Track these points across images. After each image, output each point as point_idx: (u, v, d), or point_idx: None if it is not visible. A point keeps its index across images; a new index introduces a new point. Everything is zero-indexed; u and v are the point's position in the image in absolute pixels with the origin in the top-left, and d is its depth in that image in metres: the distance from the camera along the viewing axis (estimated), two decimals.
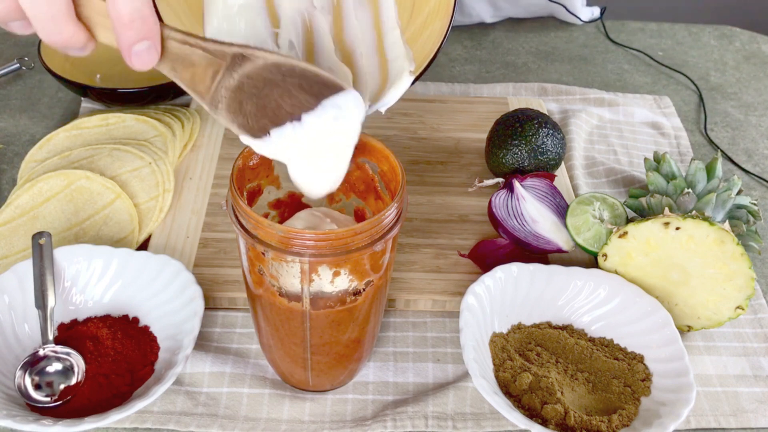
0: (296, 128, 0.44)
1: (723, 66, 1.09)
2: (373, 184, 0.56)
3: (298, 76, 0.44)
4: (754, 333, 0.67)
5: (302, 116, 0.44)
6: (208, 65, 0.43)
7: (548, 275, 0.64)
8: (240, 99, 0.43)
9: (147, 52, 0.40)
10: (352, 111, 0.44)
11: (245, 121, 0.44)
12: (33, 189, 0.70)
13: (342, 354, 0.56)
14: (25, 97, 0.91)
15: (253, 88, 0.43)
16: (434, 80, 0.99)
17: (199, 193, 0.76)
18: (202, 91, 0.43)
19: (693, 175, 0.67)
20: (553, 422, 0.54)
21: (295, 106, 0.44)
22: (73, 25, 0.39)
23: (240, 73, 0.43)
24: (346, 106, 0.44)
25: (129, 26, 0.39)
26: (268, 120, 0.44)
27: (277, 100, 0.44)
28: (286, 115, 0.44)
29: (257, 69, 0.43)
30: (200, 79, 0.43)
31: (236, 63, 0.43)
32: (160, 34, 0.41)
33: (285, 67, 0.44)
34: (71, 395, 0.56)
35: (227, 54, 0.43)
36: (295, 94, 0.44)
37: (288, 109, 0.44)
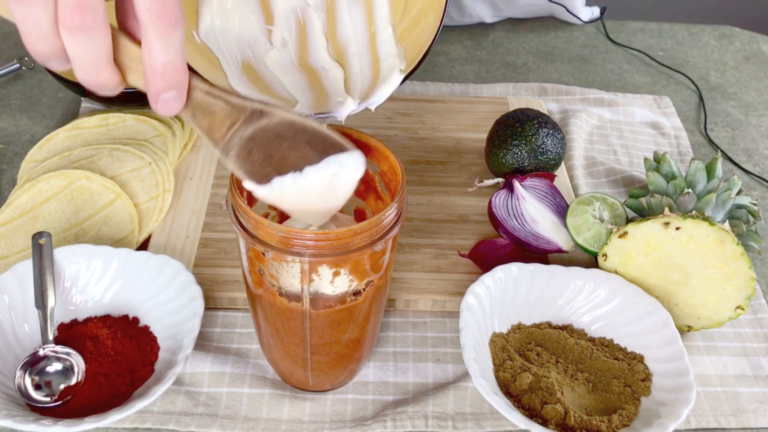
0: (296, 178, 0.46)
1: (723, 66, 1.09)
2: (373, 184, 0.56)
3: (309, 134, 0.46)
4: (754, 333, 0.67)
5: (305, 168, 0.46)
6: (226, 116, 0.45)
7: (548, 275, 0.64)
8: (250, 148, 0.46)
9: (173, 101, 0.42)
10: (352, 169, 0.47)
11: (251, 167, 0.46)
12: (33, 189, 0.70)
13: (342, 354, 0.56)
14: (25, 97, 0.91)
15: (264, 139, 0.45)
16: (434, 80, 0.99)
17: (199, 193, 0.76)
18: (217, 139, 0.45)
19: (693, 175, 0.67)
20: (553, 422, 0.54)
21: (300, 159, 0.46)
22: (111, 69, 0.41)
23: (255, 126, 0.45)
24: (347, 165, 0.46)
25: (161, 76, 0.40)
26: (273, 169, 0.46)
27: (284, 152, 0.46)
28: (290, 166, 0.46)
29: (272, 124, 0.46)
30: (217, 128, 0.45)
31: (254, 116, 0.45)
32: (188, 85, 0.43)
33: (299, 126, 0.46)
34: (71, 395, 0.56)
35: (247, 108, 0.45)
36: (301, 149, 0.46)
37: (293, 161, 0.46)
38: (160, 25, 0.39)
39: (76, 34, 0.38)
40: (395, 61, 0.51)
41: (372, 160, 0.54)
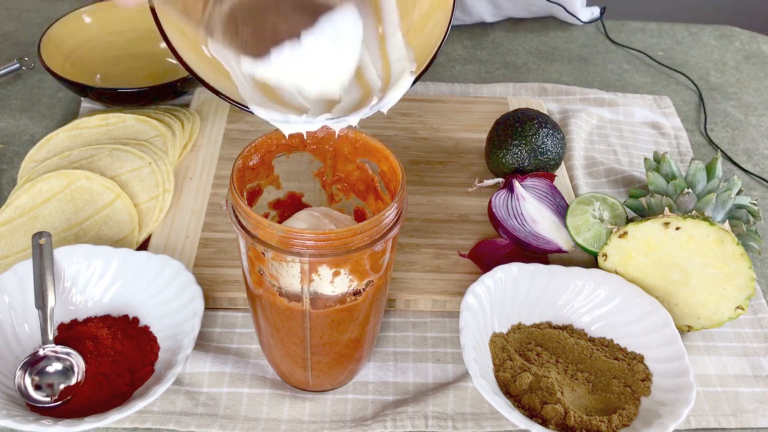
0: (295, 48, 0.43)
1: (723, 66, 1.09)
2: (373, 184, 0.56)
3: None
4: (754, 333, 0.67)
5: (301, 35, 0.42)
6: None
7: (548, 275, 0.64)
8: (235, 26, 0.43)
9: None
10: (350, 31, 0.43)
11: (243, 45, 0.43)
12: (33, 189, 0.70)
13: (342, 354, 0.56)
14: (25, 97, 0.91)
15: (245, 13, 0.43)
16: (434, 80, 0.99)
17: (199, 193, 0.76)
18: (196, 20, 0.42)
19: (693, 175, 0.67)
20: (553, 422, 0.54)
21: (293, 25, 0.43)
22: None
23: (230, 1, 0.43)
24: (343, 26, 0.43)
25: None
26: (267, 41, 0.43)
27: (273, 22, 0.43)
28: (284, 34, 0.42)
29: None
30: (192, 7, 0.42)
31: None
32: None
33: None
34: (71, 395, 0.56)
35: None
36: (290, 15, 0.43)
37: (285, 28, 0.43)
38: None
39: None
40: (405, 63, 0.51)
41: (372, 160, 0.55)
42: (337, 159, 0.57)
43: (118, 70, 0.91)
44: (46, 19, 1.00)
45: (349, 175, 0.57)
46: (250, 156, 0.53)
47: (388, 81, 0.52)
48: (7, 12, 1.09)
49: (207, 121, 0.84)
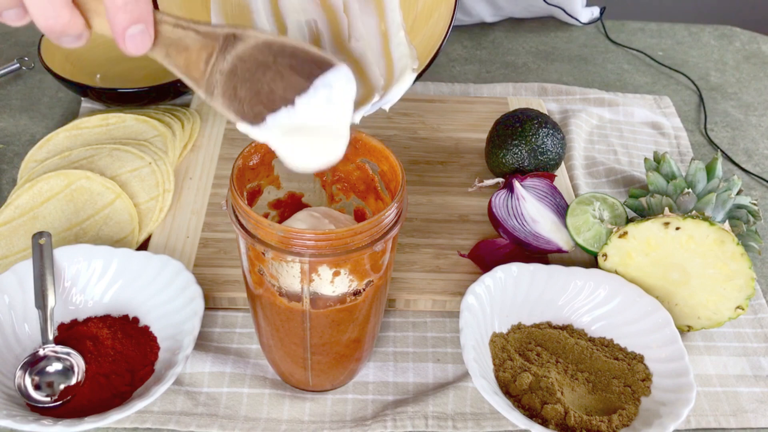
0: (290, 113, 0.43)
1: (723, 66, 1.09)
2: (373, 184, 0.56)
3: (288, 55, 0.44)
4: (754, 333, 0.67)
5: (295, 100, 0.43)
6: (201, 48, 0.43)
7: (548, 275, 0.64)
8: (234, 84, 0.43)
9: (141, 36, 0.40)
10: (344, 90, 0.44)
11: (240, 107, 0.44)
12: (33, 189, 0.70)
13: (342, 354, 0.56)
14: (25, 97, 0.91)
15: (246, 72, 0.43)
16: (434, 80, 0.99)
17: (199, 193, 0.76)
18: (197, 77, 0.43)
19: (693, 175, 0.67)
20: (553, 422, 0.54)
21: (288, 89, 0.44)
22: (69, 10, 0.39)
23: (233, 56, 0.43)
24: (337, 85, 0.44)
25: (122, 9, 0.39)
26: (263, 106, 0.44)
27: (269, 84, 0.44)
28: (279, 99, 0.43)
29: (249, 49, 0.43)
30: (194, 64, 0.43)
31: (228, 44, 0.43)
32: (153, 18, 0.41)
33: (276, 46, 0.44)
34: (71, 395, 0.56)
35: (219, 35, 0.43)
36: (286, 77, 0.44)
37: (281, 93, 0.44)
38: None
39: None
40: (408, 61, 0.51)
41: (372, 160, 0.54)
42: None
43: (118, 70, 0.91)
44: None
45: (349, 175, 0.57)
46: (250, 156, 0.53)
47: (391, 79, 0.52)
48: None
49: (207, 121, 0.84)
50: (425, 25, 0.55)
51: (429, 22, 0.55)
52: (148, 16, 0.40)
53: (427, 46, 0.54)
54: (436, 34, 0.54)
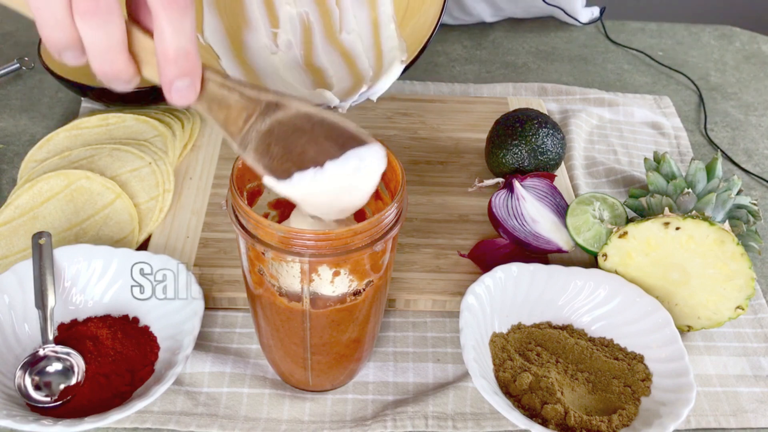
0: (317, 174, 0.45)
1: (723, 66, 1.09)
2: None
3: (327, 127, 0.46)
4: (754, 333, 0.67)
5: (325, 163, 0.45)
6: (242, 109, 0.44)
7: (548, 275, 0.64)
8: (268, 142, 0.45)
9: (186, 89, 0.42)
10: (375, 163, 0.46)
11: (270, 162, 0.46)
12: (33, 189, 0.70)
13: (342, 354, 0.56)
14: (25, 97, 0.91)
15: (282, 133, 0.45)
16: (434, 80, 0.99)
17: (199, 193, 0.76)
18: (234, 132, 0.45)
19: (693, 175, 0.67)
20: (553, 422, 0.54)
21: (320, 154, 0.45)
22: (126, 57, 0.41)
23: (272, 119, 0.45)
24: (369, 159, 0.46)
25: (173, 63, 0.41)
26: (293, 164, 0.46)
27: (304, 146, 0.45)
28: (310, 161, 0.45)
29: (289, 117, 0.45)
30: (233, 121, 0.45)
31: (270, 109, 0.45)
32: (200, 74, 0.43)
33: (316, 118, 0.46)
34: (71, 395, 0.56)
35: (262, 101, 0.45)
36: (321, 143, 0.46)
37: (313, 155, 0.45)
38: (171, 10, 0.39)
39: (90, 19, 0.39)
40: (397, 53, 0.51)
41: None
42: None
43: None
44: None
45: None
46: None
47: (380, 70, 0.52)
48: (7, 12, 1.08)
49: (207, 122, 0.84)
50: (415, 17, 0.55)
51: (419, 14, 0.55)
52: (197, 71, 0.42)
53: (417, 38, 0.54)
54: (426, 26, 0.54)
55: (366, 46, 0.54)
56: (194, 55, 0.41)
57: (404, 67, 0.51)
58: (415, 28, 0.55)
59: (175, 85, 0.41)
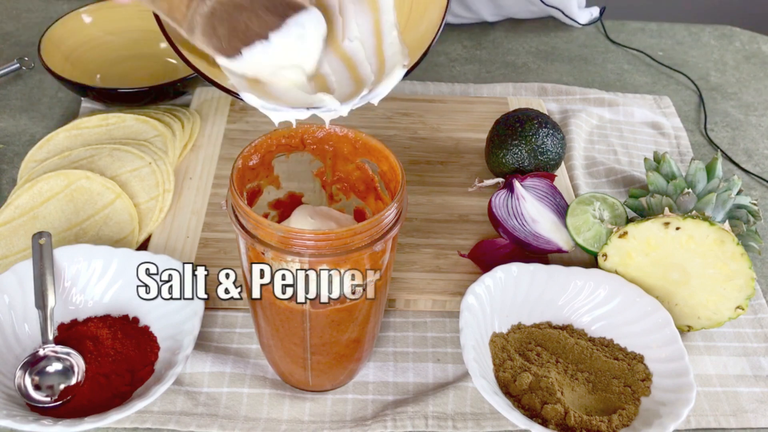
0: (265, 47, 0.48)
1: (723, 66, 1.09)
2: (373, 184, 0.56)
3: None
4: (754, 333, 0.67)
5: (269, 35, 0.48)
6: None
7: (548, 275, 0.64)
8: (213, 24, 0.47)
9: None
10: (315, 29, 0.49)
11: (219, 43, 0.48)
12: (33, 189, 0.70)
13: (342, 354, 0.56)
14: (25, 97, 0.91)
15: (224, 12, 0.47)
16: (434, 80, 0.99)
17: (199, 193, 0.76)
18: (179, 19, 0.47)
19: (693, 175, 0.67)
20: (553, 422, 0.54)
21: (263, 27, 0.48)
22: None
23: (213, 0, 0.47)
24: (309, 25, 0.48)
25: None
26: (239, 41, 0.48)
27: (246, 22, 0.48)
28: (254, 35, 0.48)
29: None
30: (176, 7, 0.47)
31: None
32: None
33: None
34: (71, 395, 0.56)
35: None
36: (261, 16, 0.48)
37: (256, 29, 0.48)
38: None
39: None
40: (399, 58, 0.52)
41: (372, 160, 0.55)
42: (337, 159, 0.57)
43: (118, 70, 0.91)
44: (46, 19, 1.00)
45: (349, 175, 0.57)
46: (250, 156, 0.53)
47: (381, 75, 0.52)
48: (7, 12, 1.09)
49: (207, 121, 0.84)
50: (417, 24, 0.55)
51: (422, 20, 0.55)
52: None
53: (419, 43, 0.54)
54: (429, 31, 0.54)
55: (368, 53, 0.55)
56: None
57: (406, 71, 0.52)
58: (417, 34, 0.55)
59: None
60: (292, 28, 0.48)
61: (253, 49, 0.48)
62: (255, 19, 0.48)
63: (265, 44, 0.48)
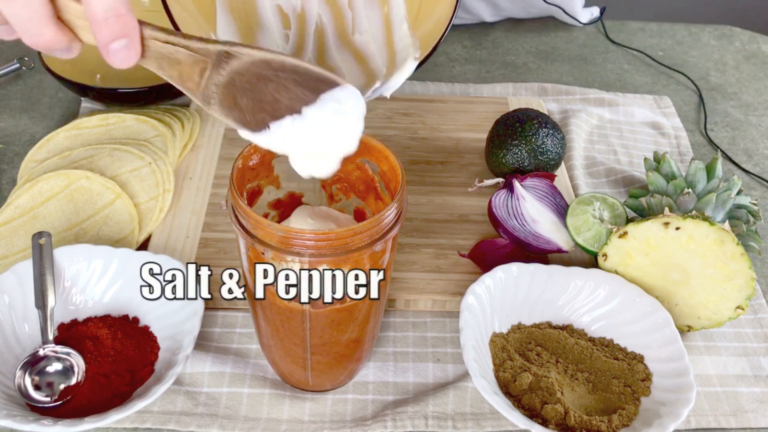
0: (296, 121, 0.44)
1: (723, 66, 1.09)
2: (373, 184, 0.56)
3: (290, 71, 0.44)
4: (754, 333, 0.67)
5: (302, 110, 0.44)
6: (194, 63, 0.43)
7: (548, 275, 0.64)
8: (233, 94, 0.44)
9: (125, 50, 0.40)
10: (353, 105, 0.44)
11: (242, 115, 0.44)
12: (33, 189, 0.70)
13: (342, 354, 0.56)
14: (25, 97, 0.91)
15: (245, 83, 0.43)
16: (434, 80, 0.99)
17: (199, 193, 0.76)
18: (192, 88, 0.44)
19: (693, 175, 0.67)
20: (553, 422, 0.54)
21: (294, 100, 0.44)
22: (53, 27, 0.40)
23: (228, 70, 0.43)
24: (345, 101, 0.44)
25: (104, 25, 0.39)
26: (267, 114, 0.44)
27: (273, 94, 0.44)
28: (285, 108, 0.44)
29: (245, 65, 0.43)
30: (188, 76, 0.43)
31: (222, 60, 0.43)
32: (138, 33, 0.41)
33: (275, 63, 0.44)
34: (71, 395, 0.56)
35: (212, 52, 0.43)
36: (291, 89, 0.44)
37: (287, 102, 0.44)
38: None
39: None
40: (411, 50, 0.52)
41: (372, 160, 0.54)
42: None
43: (118, 70, 0.91)
44: None
45: (349, 175, 0.57)
46: (250, 156, 0.53)
47: (393, 68, 0.52)
48: None
49: (207, 121, 0.84)
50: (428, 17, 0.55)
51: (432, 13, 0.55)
52: (133, 31, 0.41)
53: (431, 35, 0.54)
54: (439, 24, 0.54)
55: (379, 46, 0.54)
56: (126, 14, 0.40)
57: (417, 63, 0.52)
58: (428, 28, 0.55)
59: (112, 47, 0.40)
60: (329, 103, 0.43)
61: (283, 124, 0.43)
62: (284, 91, 0.44)
63: (296, 118, 0.43)
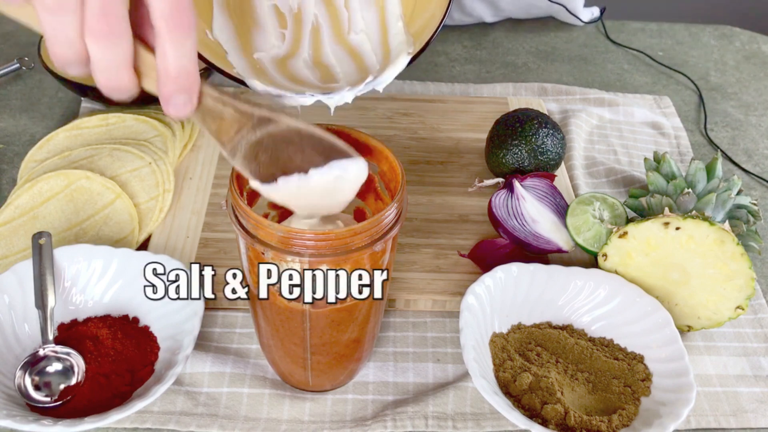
0: (301, 179, 0.48)
1: (723, 66, 1.09)
2: (373, 184, 0.56)
3: (315, 140, 0.49)
4: (754, 333, 0.67)
5: (309, 170, 0.48)
6: (234, 121, 0.47)
7: (548, 275, 0.64)
8: (257, 151, 0.48)
9: (183, 104, 0.44)
10: (355, 174, 0.49)
11: (257, 168, 0.48)
12: (33, 189, 0.70)
13: (342, 354, 0.56)
14: (25, 97, 0.91)
15: (271, 143, 0.48)
16: (434, 80, 0.99)
17: (199, 193, 0.76)
18: (225, 142, 0.47)
19: (693, 175, 0.67)
20: (553, 422, 0.54)
21: (305, 162, 0.48)
22: (130, 73, 0.42)
23: (263, 132, 0.47)
24: (350, 170, 0.49)
25: (174, 80, 0.42)
26: (278, 170, 0.48)
27: (290, 154, 0.48)
28: (296, 167, 0.48)
29: (280, 130, 0.48)
30: (225, 132, 0.47)
31: (262, 123, 0.47)
32: (198, 91, 0.44)
33: (305, 133, 0.48)
34: (71, 395, 0.56)
35: (255, 116, 0.47)
36: (307, 152, 0.49)
37: (299, 162, 0.48)
38: (175, 32, 0.40)
39: (102, 40, 0.40)
40: (404, 46, 0.52)
41: (372, 160, 0.54)
42: None
43: None
44: None
45: None
46: None
47: (387, 64, 0.52)
48: None
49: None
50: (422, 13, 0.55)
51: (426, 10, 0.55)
52: (195, 88, 0.43)
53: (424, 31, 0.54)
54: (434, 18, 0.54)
55: (374, 44, 0.55)
56: (194, 73, 0.42)
57: (410, 59, 0.52)
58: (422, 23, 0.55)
59: (174, 99, 0.43)
60: (334, 169, 0.48)
61: (290, 180, 0.48)
62: (300, 154, 0.48)
63: (302, 177, 0.48)
